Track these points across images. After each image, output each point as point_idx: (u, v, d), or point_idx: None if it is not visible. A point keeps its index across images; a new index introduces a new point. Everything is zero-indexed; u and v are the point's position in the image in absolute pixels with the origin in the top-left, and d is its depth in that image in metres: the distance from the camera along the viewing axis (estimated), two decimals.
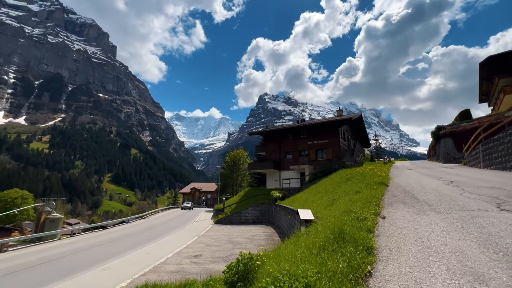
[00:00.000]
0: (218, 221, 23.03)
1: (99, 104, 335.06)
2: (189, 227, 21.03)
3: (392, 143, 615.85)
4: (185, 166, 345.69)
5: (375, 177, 10.68)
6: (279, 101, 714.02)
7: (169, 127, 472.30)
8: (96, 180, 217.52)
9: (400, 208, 5.47)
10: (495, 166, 12.09)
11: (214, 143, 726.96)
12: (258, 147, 34.33)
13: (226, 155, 50.54)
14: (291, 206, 14.85)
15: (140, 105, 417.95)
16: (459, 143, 24.89)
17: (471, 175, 10.21)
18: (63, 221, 77.21)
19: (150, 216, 32.93)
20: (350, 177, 13.58)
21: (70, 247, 13.67)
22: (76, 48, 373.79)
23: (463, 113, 31.21)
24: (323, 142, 28.28)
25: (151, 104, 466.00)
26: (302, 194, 19.21)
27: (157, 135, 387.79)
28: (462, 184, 7.88)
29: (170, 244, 13.15)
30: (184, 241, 13.77)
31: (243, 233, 16.95)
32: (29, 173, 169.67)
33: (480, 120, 24.35)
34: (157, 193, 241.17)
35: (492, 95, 33.13)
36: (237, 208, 24.87)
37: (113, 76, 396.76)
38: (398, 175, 12.02)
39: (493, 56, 28.32)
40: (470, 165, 15.98)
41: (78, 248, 13.23)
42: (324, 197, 12.03)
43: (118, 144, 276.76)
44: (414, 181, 9.29)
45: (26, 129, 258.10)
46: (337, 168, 22.06)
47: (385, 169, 14.54)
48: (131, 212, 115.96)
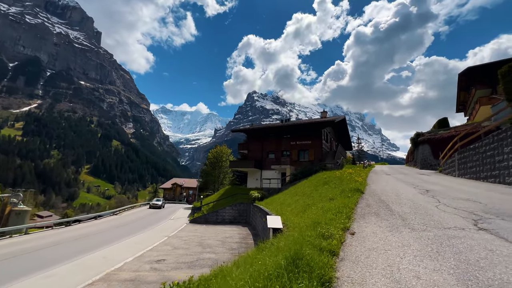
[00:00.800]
0: (193, 220, 22.09)
1: (80, 92, 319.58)
2: (161, 226, 19.97)
3: (374, 146, 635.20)
4: (169, 160, 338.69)
5: (352, 182, 10.29)
6: (267, 99, 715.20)
7: (154, 120, 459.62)
8: (73, 171, 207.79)
9: (373, 221, 4.95)
10: (469, 176, 12.11)
11: (200, 138, 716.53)
12: (241, 145, 33.55)
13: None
14: (266, 208, 14.27)
15: (124, 96, 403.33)
16: (436, 150, 25.42)
17: (446, 184, 10.05)
18: (32, 214, 72.44)
19: (124, 212, 31.38)
20: (328, 181, 13.18)
21: (23, 246, 12.35)
22: (57, 31, 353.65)
23: (441, 121, 32.06)
24: (306, 143, 27.98)
25: (136, 95, 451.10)
26: (281, 195, 18.71)
27: (141, 128, 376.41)
28: (438, 194, 7.59)
29: (134, 246, 12.17)
30: (150, 243, 12.82)
31: (217, 234, 16.21)
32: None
33: (456, 129, 25.00)
34: (138, 187, 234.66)
35: (469, 106, 34.30)
36: (214, 207, 24.04)
37: (97, 64, 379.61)
38: (376, 180, 11.74)
39: (472, 67, 29.22)
40: (445, 172, 16.12)
41: (30, 248, 11.95)
42: (300, 201, 11.53)
43: (99, 134, 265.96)
44: (391, 188, 8.95)
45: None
46: (318, 170, 21.76)
47: (364, 173, 14.30)
48: (109, 206, 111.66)
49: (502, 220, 4.54)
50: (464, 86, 33.04)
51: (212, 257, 10.41)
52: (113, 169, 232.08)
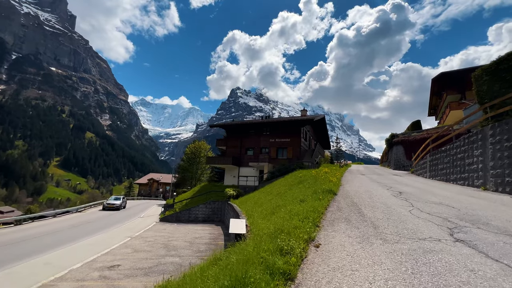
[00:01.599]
0: (164, 218, 20.85)
1: (51, 79, 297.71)
2: (127, 224, 18.56)
3: (352, 146, 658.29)
4: (147, 155, 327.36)
5: (326, 182, 9.85)
6: (251, 96, 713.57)
7: (132, 112, 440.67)
8: (40, 163, 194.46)
9: (342, 229, 4.39)
10: (440, 177, 12.21)
11: (181, 133, 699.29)
12: (219, 141, 32.49)
13: None
14: (239, 208, 13.57)
15: (101, 85, 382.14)
16: (409, 151, 26.15)
17: (419, 186, 9.92)
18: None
19: (91, 209, 29.21)
20: (303, 180, 12.73)
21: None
22: (24, 12, 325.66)
23: (415, 123, 33.16)
24: (285, 140, 27.59)
25: (113, 86, 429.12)
26: (256, 193, 18.10)
27: (118, 120, 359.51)
28: (411, 196, 7.29)
29: (88, 249, 10.91)
30: (108, 245, 11.61)
31: (187, 234, 15.25)
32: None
33: (428, 131, 25.85)
34: (114, 182, 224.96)
35: (440, 110, 35.85)
36: (187, 205, 22.94)
37: (70, 50, 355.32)
38: (350, 180, 11.45)
39: (444, 73, 30.38)
40: (417, 174, 16.37)
41: None
42: (273, 201, 10.95)
43: (71, 125, 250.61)
44: (364, 190, 8.59)
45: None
46: (295, 168, 21.43)
47: (339, 173, 14.04)
48: (80, 201, 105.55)
49: (478, 229, 4.16)
50: (436, 91, 34.43)
51: (175, 261, 9.53)
52: (86, 162, 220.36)
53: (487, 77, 8.94)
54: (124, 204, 30.85)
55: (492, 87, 8.73)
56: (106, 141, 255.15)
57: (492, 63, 8.83)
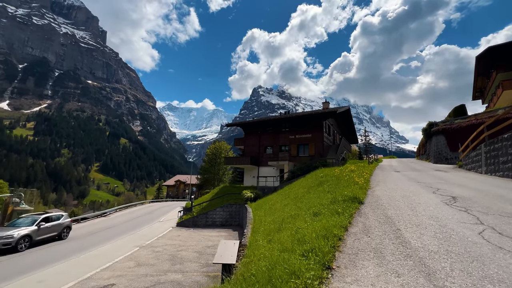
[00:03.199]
0: (180, 223, 20.14)
1: (88, 91, 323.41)
2: (143, 231, 18.07)
3: (382, 139, 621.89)
4: (176, 157, 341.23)
5: (351, 185, 7.96)
6: (273, 94, 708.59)
7: (160, 117, 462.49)
8: (83, 169, 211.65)
9: (369, 275, 2.67)
10: (502, 173, 9.55)
11: (206, 134, 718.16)
12: (237, 140, 31.31)
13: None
14: (253, 213, 12.13)
15: (131, 94, 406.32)
16: (453, 141, 22.53)
17: (477, 186, 7.58)
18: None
19: (116, 213, 29.88)
20: (323, 181, 10.86)
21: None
22: (63, 32, 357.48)
23: (458, 108, 28.78)
24: (306, 136, 25.46)
25: (142, 93, 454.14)
26: (274, 196, 16.50)
27: (148, 125, 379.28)
28: (472, 204, 5.19)
29: (90, 262, 10.22)
30: (112, 257, 10.86)
31: (199, 242, 14.17)
32: (11, 160, 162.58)
33: (477, 116, 21.93)
34: (147, 184, 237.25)
35: (488, 91, 30.88)
36: (205, 208, 22.06)
37: (103, 63, 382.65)
38: (382, 180, 9.35)
39: (493, 47, 25.90)
40: (467, 168, 13.49)
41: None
42: (288, 208, 9.29)
43: (107, 133, 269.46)
44: (402, 195, 6.57)
45: (9, 114, 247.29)
46: (317, 166, 19.41)
47: (368, 171, 11.88)
48: (117, 203, 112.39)
49: None
50: (482, 70, 29.71)
51: (176, 279, 8.36)
52: (122, 166, 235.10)
53: None
54: (61, 230, 15.13)
55: None
56: (138, 146, 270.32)
57: None
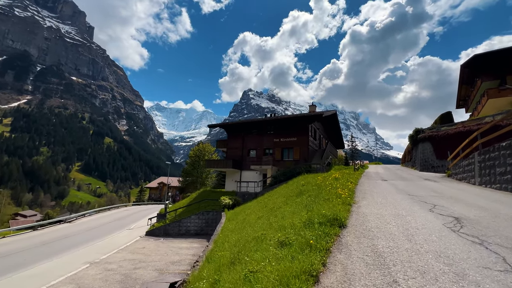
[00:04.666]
0: (150, 232, 18.28)
1: (72, 88, 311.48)
2: (106, 240, 16.12)
3: (368, 145, 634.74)
4: (163, 158, 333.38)
5: (333, 197, 6.68)
6: (263, 97, 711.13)
7: (148, 117, 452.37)
8: (63, 168, 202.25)
9: None
10: (499, 185, 8.59)
11: (195, 136, 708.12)
12: (220, 142, 29.73)
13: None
14: (221, 226, 10.65)
15: (118, 92, 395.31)
16: (440, 149, 21.92)
17: (479, 203, 6.47)
18: (15, 213, 68.02)
19: (84, 218, 27.46)
20: (303, 191, 9.56)
21: None
22: (47, 25, 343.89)
23: (444, 115, 28.47)
24: (291, 140, 24.28)
25: (129, 92, 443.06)
26: (252, 204, 15.08)
27: (135, 125, 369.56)
28: (485, 232, 3.94)
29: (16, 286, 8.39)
30: (49, 279, 9.04)
31: (166, 255, 12.50)
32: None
33: (465, 124, 21.46)
34: (131, 185, 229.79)
35: (472, 100, 30.84)
36: (179, 215, 20.30)
37: (89, 59, 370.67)
38: (368, 192, 8.14)
39: (478, 55, 25.66)
40: (458, 178, 12.60)
41: None
42: (259, 223, 7.90)
43: (90, 131, 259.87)
44: (393, 214, 5.31)
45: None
46: (301, 172, 18.19)
47: (353, 179, 10.71)
48: (98, 204, 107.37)
49: None
50: (466, 79, 29.59)
51: None
52: (105, 166, 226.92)
53: None
54: None
55: None
56: (123, 145, 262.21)
57: None
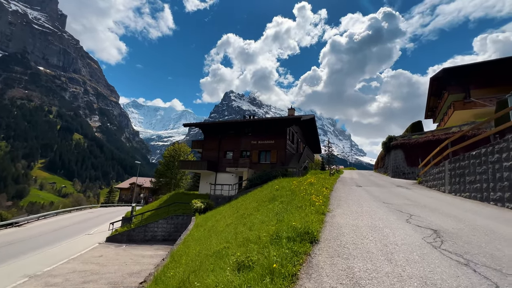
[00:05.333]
0: (112, 237, 16.69)
1: (38, 79, 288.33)
2: (58, 248, 14.33)
3: (344, 151, 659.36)
4: (138, 157, 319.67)
5: (306, 205, 6.14)
6: (244, 100, 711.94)
7: (123, 114, 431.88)
8: (24, 165, 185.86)
9: None
10: (469, 194, 8.65)
11: (173, 135, 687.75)
12: (196, 143, 28.48)
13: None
14: (197, 230, 9.74)
15: (91, 86, 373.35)
16: (410, 156, 22.67)
17: (453, 212, 6.27)
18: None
19: (39, 221, 24.75)
20: (276, 196, 8.99)
21: None
22: (12, 9, 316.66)
23: (415, 124, 29.71)
24: (268, 143, 23.81)
25: (104, 87, 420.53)
26: (224, 208, 14.27)
27: (108, 121, 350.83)
28: (469, 249, 3.55)
29: None
30: None
31: (125, 265, 11.24)
32: None
33: (434, 133, 22.46)
34: (101, 185, 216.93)
35: (439, 111, 32.64)
36: (146, 219, 18.87)
37: (59, 49, 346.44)
38: (343, 199, 7.75)
39: (446, 69, 27.11)
40: (428, 185, 12.82)
41: None
42: (226, 232, 7.16)
43: (58, 126, 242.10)
44: (369, 226, 4.86)
45: None
46: (277, 175, 17.71)
47: (328, 184, 10.36)
48: (63, 205, 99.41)
49: None
50: (435, 91, 31.21)
51: None
52: (73, 164, 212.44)
53: None
54: None
55: None
56: (94, 143, 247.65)
57: None
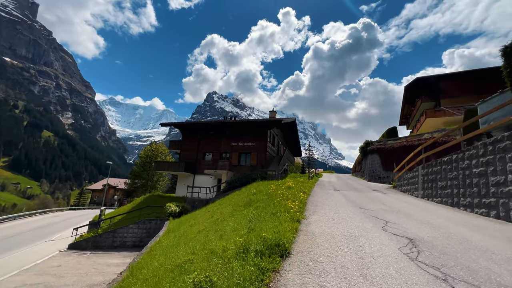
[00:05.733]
0: (75, 244, 15.33)
1: (3, 70, 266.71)
2: (11, 256, 12.85)
3: (324, 155, 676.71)
4: (114, 157, 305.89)
5: (281, 211, 5.81)
6: (227, 101, 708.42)
7: (99, 111, 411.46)
8: None
9: None
10: (440, 199, 8.84)
11: (152, 135, 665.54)
12: (173, 143, 27.42)
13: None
14: (168, 236, 9.07)
15: (64, 81, 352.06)
16: (386, 161, 23.36)
17: (427, 218, 6.25)
18: None
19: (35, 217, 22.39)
20: (252, 200, 8.61)
21: None
22: None
23: (391, 130, 30.85)
24: (249, 145, 23.43)
25: (78, 82, 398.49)
26: (200, 212, 13.63)
27: (82, 119, 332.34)
28: (444, 260, 3.39)
29: None
30: None
31: (86, 275, 10.24)
32: None
33: (408, 139, 23.36)
34: (72, 186, 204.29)
35: (412, 118, 34.26)
36: (116, 224, 17.66)
37: (29, 40, 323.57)
38: (320, 205, 7.54)
39: (419, 78, 28.53)
40: (402, 190, 13.11)
41: None
42: (195, 240, 6.65)
43: (24, 122, 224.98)
44: (345, 235, 4.61)
45: None
46: (256, 178, 17.37)
47: (306, 188, 10.17)
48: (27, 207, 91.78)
49: None
50: (409, 99, 32.73)
51: None
52: (40, 164, 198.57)
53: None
54: None
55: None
56: (66, 141, 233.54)
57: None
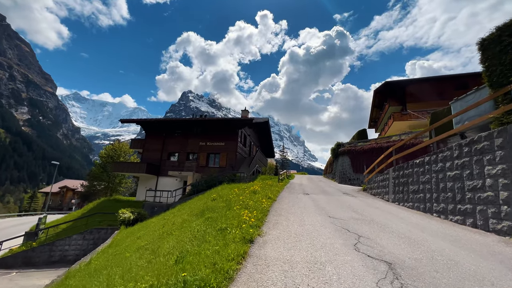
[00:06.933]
0: (0, 260, 12.73)
1: None
2: None
3: (298, 156, 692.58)
4: (77, 157, 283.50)
5: (232, 227, 4.65)
6: (203, 101, 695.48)
7: (61, 107, 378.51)
8: None
9: None
10: (412, 204, 8.33)
11: (122, 134, 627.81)
12: (135, 142, 24.99)
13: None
14: (100, 255, 7.41)
15: (19, 72, 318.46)
16: (356, 163, 23.36)
17: (403, 231, 5.48)
18: None
19: None
20: (207, 209, 7.33)
21: None
22: None
23: (361, 132, 31.26)
24: (218, 145, 21.99)
25: (37, 74, 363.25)
26: (156, 220, 11.97)
27: (41, 114, 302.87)
28: (421, 284, 2.51)
29: None
30: None
31: None
32: None
33: (377, 140, 23.58)
34: (27, 189, 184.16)
35: (381, 121, 35.32)
36: (58, 234, 15.17)
37: None
38: (284, 215, 6.49)
39: (388, 82, 29.29)
40: (373, 193, 12.69)
41: None
42: (130, 260, 5.24)
43: None
44: (307, 262, 3.54)
45: None
46: (223, 180, 16.05)
47: (273, 194, 9.12)
48: None
49: None
50: (377, 103, 33.66)
51: None
52: None
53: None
54: None
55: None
56: (20, 138, 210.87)
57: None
